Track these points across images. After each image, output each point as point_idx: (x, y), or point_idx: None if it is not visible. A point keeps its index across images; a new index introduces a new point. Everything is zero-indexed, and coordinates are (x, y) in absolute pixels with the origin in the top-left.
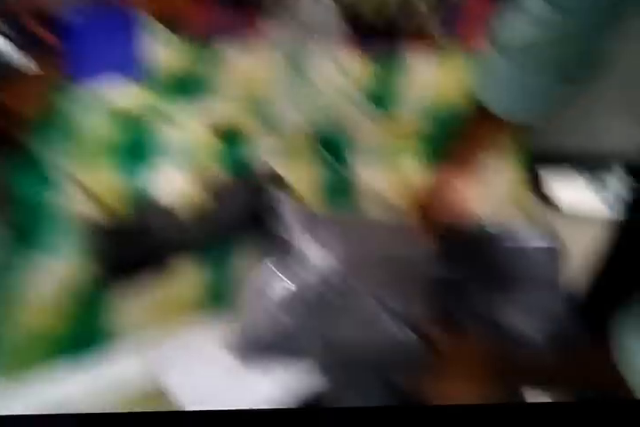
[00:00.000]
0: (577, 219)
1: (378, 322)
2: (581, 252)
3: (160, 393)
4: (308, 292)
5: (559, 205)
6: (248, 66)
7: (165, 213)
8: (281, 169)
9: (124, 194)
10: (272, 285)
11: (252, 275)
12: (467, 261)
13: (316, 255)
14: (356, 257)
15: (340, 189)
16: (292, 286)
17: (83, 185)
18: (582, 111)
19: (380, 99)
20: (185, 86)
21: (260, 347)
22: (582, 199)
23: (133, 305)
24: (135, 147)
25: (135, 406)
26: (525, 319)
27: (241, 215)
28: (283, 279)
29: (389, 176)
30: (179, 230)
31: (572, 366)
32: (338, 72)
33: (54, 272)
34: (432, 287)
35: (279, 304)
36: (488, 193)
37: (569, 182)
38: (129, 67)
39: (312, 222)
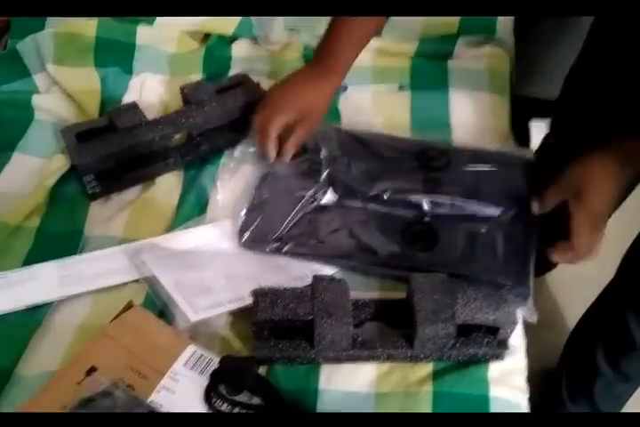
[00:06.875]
0: None
1: None
2: None
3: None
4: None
5: None
6: None
7: (141, 117)
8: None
9: (101, 96)
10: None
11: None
12: None
13: None
14: None
15: None
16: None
17: (61, 85)
18: None
19: None
20: None
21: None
22: None
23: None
24: (114, 49)
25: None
26: None
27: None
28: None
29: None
30: (158, 136)
31: None
32: None
33: (31, 170)
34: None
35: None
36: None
37: None
38: None
39: None
